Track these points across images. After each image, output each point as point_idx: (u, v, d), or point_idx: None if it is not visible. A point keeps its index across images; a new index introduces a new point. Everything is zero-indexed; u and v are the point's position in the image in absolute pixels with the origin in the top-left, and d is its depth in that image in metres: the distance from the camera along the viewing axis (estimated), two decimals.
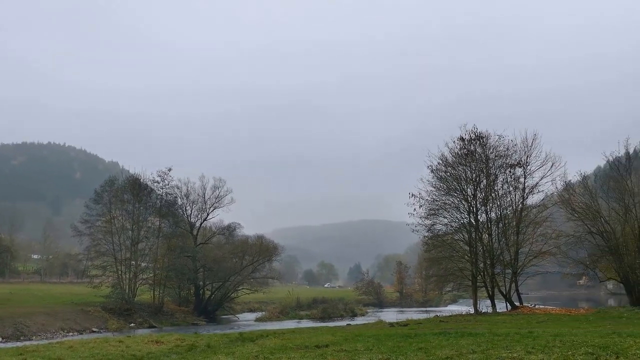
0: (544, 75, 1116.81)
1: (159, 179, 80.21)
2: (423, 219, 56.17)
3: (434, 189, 56.07)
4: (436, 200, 56.22)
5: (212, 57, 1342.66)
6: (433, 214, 56.32)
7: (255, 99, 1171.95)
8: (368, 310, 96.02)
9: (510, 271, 54.01)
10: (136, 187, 76.71)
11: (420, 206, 55.72)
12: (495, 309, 51.73)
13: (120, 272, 72.03)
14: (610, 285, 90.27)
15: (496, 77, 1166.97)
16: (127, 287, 71.53)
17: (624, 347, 15.99)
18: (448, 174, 55.77)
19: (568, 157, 56.24)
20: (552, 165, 52.89)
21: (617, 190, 50.86)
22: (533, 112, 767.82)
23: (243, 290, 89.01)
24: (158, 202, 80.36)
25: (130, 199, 76.14)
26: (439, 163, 55.60)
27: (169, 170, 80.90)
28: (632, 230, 48.73)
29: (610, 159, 52.61)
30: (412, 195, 55.71)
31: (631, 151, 54.55)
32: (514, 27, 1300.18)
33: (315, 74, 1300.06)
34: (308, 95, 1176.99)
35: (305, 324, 66.07)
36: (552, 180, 53.49)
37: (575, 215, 51.93)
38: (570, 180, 54.75)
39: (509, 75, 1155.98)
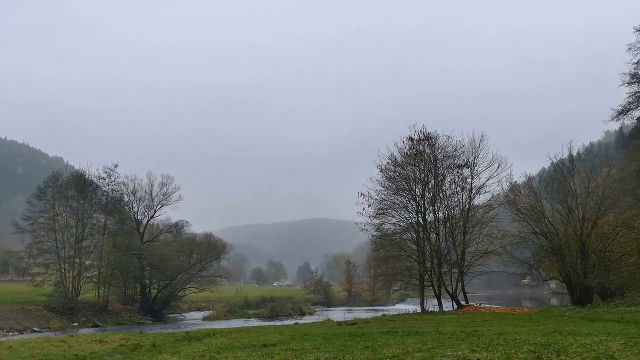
0: (491, 77, 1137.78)
1: (104, 175, 78.98)
2: (372, 218, 56.47)
3: (383, 188, 56.42)
4: (385, 200, 56.58)
5: (160, 49, 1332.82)
6: (382, 214, 56.63)
7: (204, 93, 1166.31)
8: (316, 309, 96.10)
9: (456, 270, 54.63)
10: (81, 183, 75.23)
11: (369, 205, 56.04)
12: (442, 308, 52.23)
13: (63, 270, 70.50)
14: (553, 284, 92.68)
15: (443, 78, 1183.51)
16: (70, 285, 70.06)
17: (565, 345, 16.27)
18: (397, 173, 56.11)
19: (514, 158, 57.41)
20: (498, 166, 53.82)
21: (560, 192, 51.92)
22: (482, 113, 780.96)
23: (190, 288, 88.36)
24: (104, 198, 79.01)
25: (75, 196, 74.65)
26: (388, 163, 55.92)
27: (115, 166, 79.67)
28: (574, 231, 49.83)
29: (554, 161, 53.69)
30: (361, 194, 55.96)
31: (574, 153, 55.97)
32: (458, 29, 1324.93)
33: (264, 70, 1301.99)
34: (257, 92, 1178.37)
35: (253, 322, 65.81)
36: (498, 181, 54.38)
37: (520, 215, 52.82)
38: (515, 181, 55.66)
39: (462, 76, 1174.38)
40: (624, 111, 53.72)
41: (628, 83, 52.63)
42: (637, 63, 51.43)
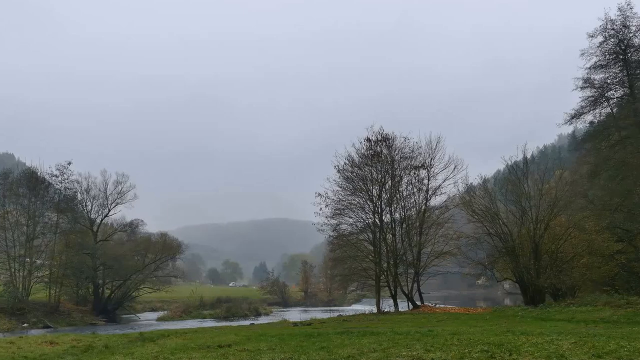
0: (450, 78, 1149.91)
1: (57, 172, 76.97)
2: (329, 219, 56.54)
3: (340, 188, 56.52)
4: (342, 200, 56.66)
5: (121, 44, 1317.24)
6: (339, 214, 56.70)
7: (160, 91, 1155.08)
8: (273, 310, 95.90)
9: (412, 271, 55.05)
10: (33, 181, 73.25)
11: (327, 206, 56.08)
12: (398, 308, 52.53)
13: (13, 270, 68.74)
14: (506, 285, 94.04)
15: (410, 78, 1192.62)
16: (20, 285, 68.29)
17: (517, 345, 16.43)
18: (354, 174, 56.24)
19: (470, 160, 58.07)
20: (454, 168, 54.53)
21: (514, 194, 52.55)
22: (442, 114, 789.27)
23: (145, 289, 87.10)
24: (56, 196, 77.13)
25: (26, 193, 72.72)
26: (345, 163, 56.06)
27: (69, 163, 77.78)
28: (527, 232, 50.47)
29: (509, 163, 54.40)
30: (319, 194, 55.98)
31: (528, 156, 56.84)
32: (428, 28, 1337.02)
33: (225, 68, 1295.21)
34: (216, 90, 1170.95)
35: (209, 323, 65.18)
36: (454, 183, 55.13)
37: (475, 217, 53.28)
38: (471, 183, 56.41)
39: (422, 76, 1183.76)
40: (576, 115, 55.02)
41: (581, 88, 54.00)
42: (589, 68, 52.65)
